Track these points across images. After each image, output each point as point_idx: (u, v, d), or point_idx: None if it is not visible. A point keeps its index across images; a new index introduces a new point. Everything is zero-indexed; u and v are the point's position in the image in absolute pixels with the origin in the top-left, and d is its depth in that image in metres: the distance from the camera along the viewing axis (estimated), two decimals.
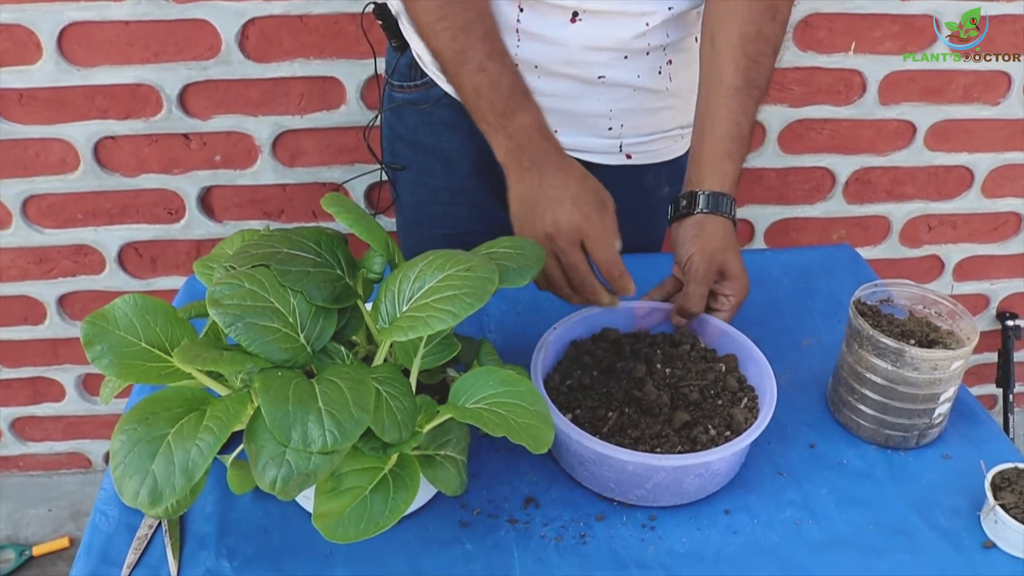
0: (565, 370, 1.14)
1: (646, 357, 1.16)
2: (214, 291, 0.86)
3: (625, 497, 1.03)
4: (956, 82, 2.09)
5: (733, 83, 1.21)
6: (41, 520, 2.40)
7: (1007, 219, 2.34)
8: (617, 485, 1.02)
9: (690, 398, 1.10)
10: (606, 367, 1.14)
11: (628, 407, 1.08)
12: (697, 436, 1.05)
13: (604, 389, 1.11)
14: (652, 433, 1.05)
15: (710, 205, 1.20)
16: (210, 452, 0.80)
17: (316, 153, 2.01)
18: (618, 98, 1.35)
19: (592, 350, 1.16)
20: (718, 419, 1.07)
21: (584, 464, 1.03)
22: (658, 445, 1.03)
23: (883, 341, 1.07)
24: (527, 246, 1.04)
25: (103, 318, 0.91)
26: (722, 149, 1.21)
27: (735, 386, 1.12)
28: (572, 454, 1.04)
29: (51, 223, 2.03)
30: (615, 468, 1.00)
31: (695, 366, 1.15)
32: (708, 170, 1.21)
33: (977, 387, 2.61)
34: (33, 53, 1.81)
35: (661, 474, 0.99)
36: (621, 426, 1.06)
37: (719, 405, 1.10)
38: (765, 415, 1.04)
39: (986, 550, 1.00)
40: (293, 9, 1.82)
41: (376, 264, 0.99)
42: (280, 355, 0.86)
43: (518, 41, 1.29)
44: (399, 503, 0.87)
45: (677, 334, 1.19)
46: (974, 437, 1.15)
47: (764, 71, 1.23)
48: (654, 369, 1.14)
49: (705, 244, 1.18)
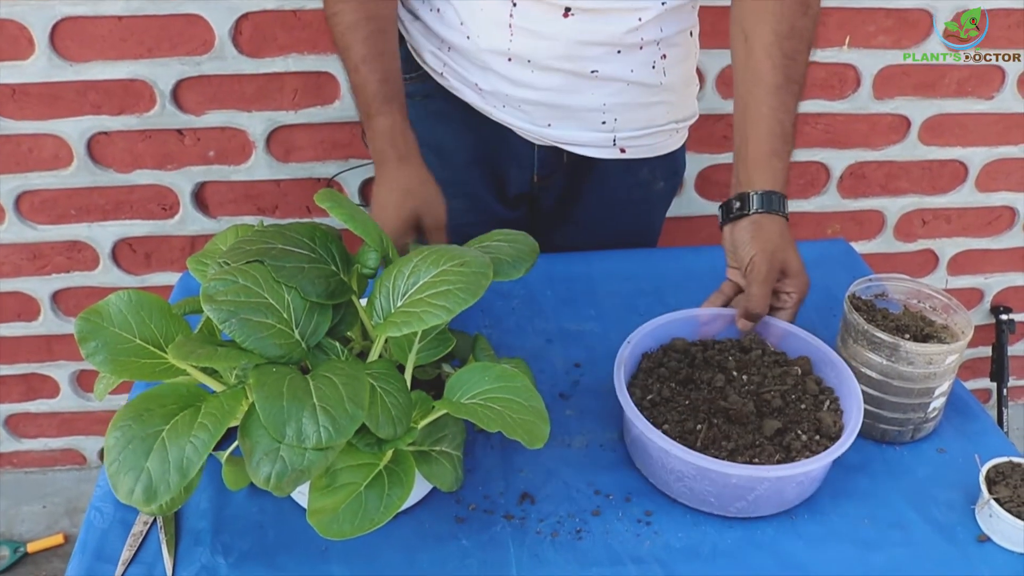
0: (643, 384, 1.12)
1: (719, 365, 1.15)
2: (208, 287, 0.86)
3: (724, 510, 1.02)
4: (950, 76, 2.09)
5: (773, 81, 1.20)
6: (36, 517, 2.39)
7: (1001, 213, 2.34)
8: (717, 499, 1.01)
9: (773, 404, 1.08)
10: (683, 378, 1.13)
11: (715, 418, 1.07)
12: (790, 443, 1.04)
13: (687, 401, 1.09)
14: (745, 443, 1.04)
15: (764, 204, 1.19)
16: (205, 449, 0.80)
17: (310, 148, 2.00)
18: (611, 92, 1.35)
19: (664, 362, 1.15)
20: (807, 424, 1.06)
21: (683, 480, 1.01)
22: (755, 455, 1.02)
23: (878, 336, 1.07)
24: (520, 238, 1.04)
25: (97, 314, 0.90)
26: (768, 148, 1.21)
27: (815, 389, 1.11)
28: (669, 471, 1.02)
29: (44, 219, 2.02)
30: (717, 482, 0.99)
31: (770, 371, 1.13)
32: (757, 170, 1.21)
33: (971, 381, 2.61)
34: (25, 48, 1.80)
35: (764, 485, 0.99)
36: (713, 438, 1.04)
37: (803, 410, 1.08)
38: (855, 418, 1.04)
39: (980, 544, 1.00)
40: (286, 4, 1.82)
41: (370, 259, 0.98)
42: (274, 351, 0.86)
43: (511, 36, 1.29)
44: (394, 499, 0.87)
45: (745, 340, 1.18)
46: (969, 431, 1.15)
47: (800, 67, 1.23)
48: (731, 377, 1.13)
49: (765, 244, 1.17)
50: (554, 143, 1.41)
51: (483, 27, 1.31)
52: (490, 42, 1.31)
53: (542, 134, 1.40)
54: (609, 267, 1.43)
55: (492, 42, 1.31)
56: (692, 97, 1.48)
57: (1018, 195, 2.30)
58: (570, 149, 1.42)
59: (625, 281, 1.40)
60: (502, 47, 1.30)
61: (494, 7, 1.28)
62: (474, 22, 1.31)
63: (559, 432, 1.12)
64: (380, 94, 1.25)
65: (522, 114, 1.38)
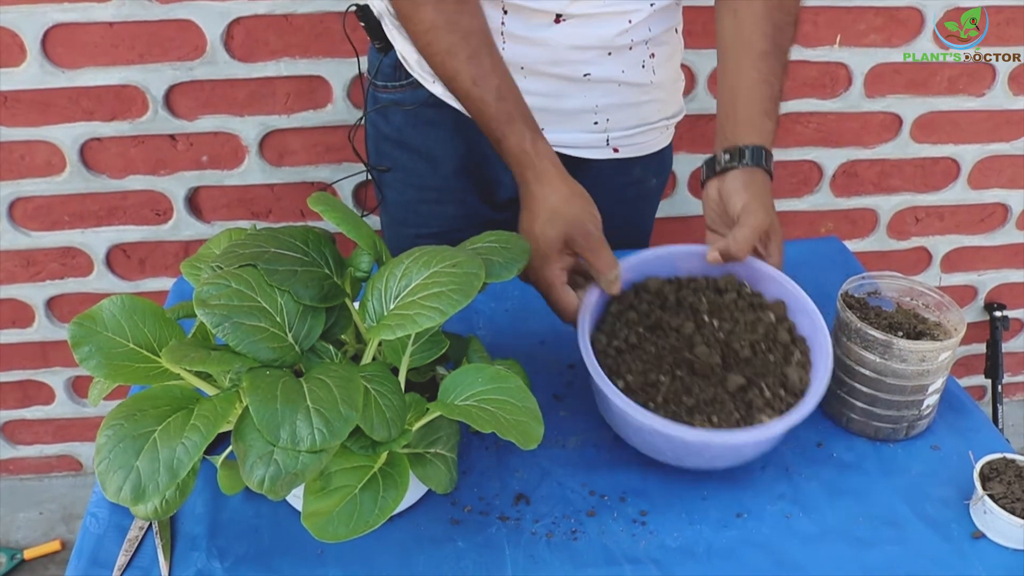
0: (610, 329, 1.10)
1: (691, 308, 1.12)
2: (201, 291, 0.86)
3: (681, 463, 1.03)
4: (941, 74, 2.10)
5: (762, 47, 1.21)
6: (32, 523, 2.39)
7: (994, 210, 2.34)
8: (674, 454, 1.02)
9: (741, 355, 1.07)
10: (653, 323, 1.11)
11: (679, 370, 1.06)
12: (752, 399, 1.03)
13: (653, 349, 1.08)
14: (707, 398, 1.03)
15: (754, 159, 1.17)
16: (196, 451, 0.80)
17: (303, 152, 2.00)
18: (603, 94, 1.35)
19: (635, 303, 1.13)
20: (772, 379, 1.05)
21: (640, 434, 1.02)
22: (714, 412, 1.02)
23: (871, 333, 1.07)
24: (512, 240, 1.04)
25: (91, 319, 0.90)
26: (760, 108, 1.21)
27: (786, 339, 1.09)
28: (628, 424, 1.03)
29: (38, 226, 2.02)
30: (674, 442, 1.00)
31: (743, 316, 1.11)
32: (747, 127, 1.20)
33: (966, 378, 2.62)
34: (17, 55, 1.80)
35: (720, 447, 1.00)
36: (675, 392, 1.03)
37: (771, 361, 1.07)
38: (823, 375, 1.03)
39: (975, 540, 1.00)
40: (278, 8, 1.82)
41: (363, 263, 0.98)
42: (268, 354, 0.86)
43: (503, 43, 1.29)
44: (389, 501, 0.87)
45: (722, 280, 1.15)
46: (963, 428, 1.16)
47: (788, 38, 1.24)
48: (702, 322, 1.11)
49: (760, 195, 1.15)
50: None
51: None
52: None
53: None
54: None
55: None
56: (679, 93, 1.49)
57: (1010, 192, 2.31)
58: (563, 151, 1.42)
59: None
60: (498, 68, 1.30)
61: (486, 15, 1.28)
62: None
63: (554, 433, 1.13)
64: (500, 115, 1.17)
65: None
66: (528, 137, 1.17)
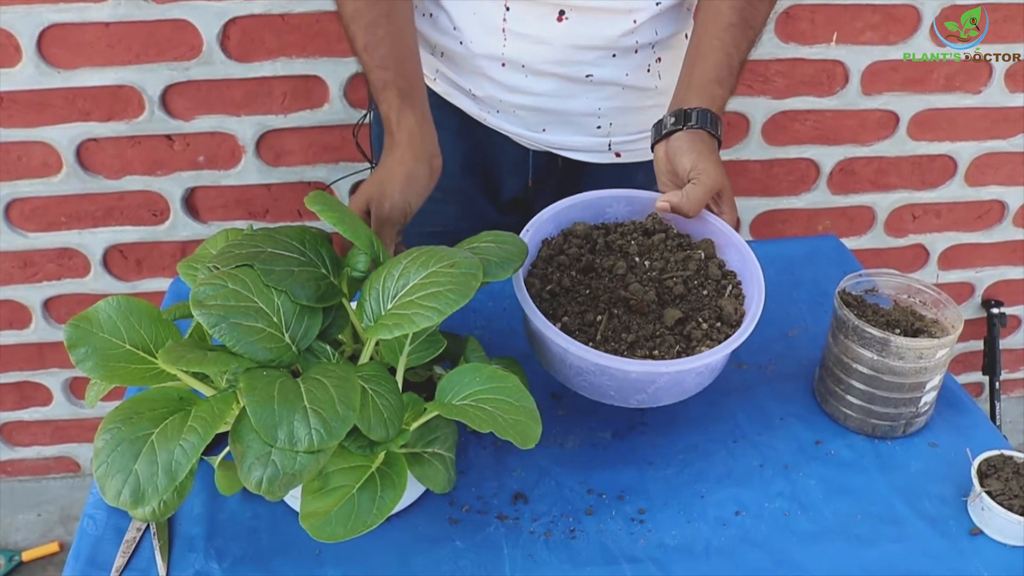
0: (542, 273, 1.11)
1: (621, 250, 1.13)
2: (198, 292, 0.86)
3: (625, 402, 1.03)
4: (938, 71, 2.10)
5: (728, 19, 1.21)
6: (30, 525, 2.39)
7: (991, 207, 2.34)
8: (617, 392, 1.02)
9: (675, 291, 1.08)
10: (584, 266, 1.11)
11: (616, 308, 1.06)
12: (691, 332, 1.04)
13: (587, 291, 1.08)
14: (646, 334, 1.03)
15: (700, 121, 1.16)
16: (194, 452, 0.80)
17: (300, 152, 2.00)
18: (606, 96, 1.35)
19: (564, 248, 1.13)
20: (707, 312, 1.06)
21: (582, 375, 1.01)
22: (655, 347, 1.02)
23: (868, 331, 1.07)
24: (509, 239, 1.04)
25: (87, 320, 0.90)
26: (713, 75, 1.20)
27: (717, 274, 1.11)
28: (568, 366, 1.02)
29: (35, 226, 2.02)
30: (616, 377, 0.99)
31: (673, 255, 1.12)
32: (696, 92, 1.19)
33: (964, 375, 2.62)
34: (12, 56, 1.80)
35: (664, 378, 0.99)
36: (614, 329, 1.04)
37: (705, 296, 1.08)
38: (756, 303, 1.04)
39: (973, 537, 1.00)
40: (274, 8, 1.82)
41: (360, 262, 0.98)
42: (265, 355, 0.86)
43: (505, 41, 1.29)
44: (387, 501, 0.87)
45: (648, 220, 1.16)
46: (960, 425, 1.16)
47: (760, 14, 1.24)
48: (633, 263, 1.11)
49: (709, 155, 1.14)
50: (549, 148, 1.41)
51: (477, 32, 1.30)
52: (484, 47, 1.31)
53: (536, 139, 1.40)
54: None
55: (486, 47, 1.30)
56: None
57: (1008, 189, 2.31)
58: (565, 154, 1.42)
59: None
60: (496, 52, 1.30)
61: (487, 11, 1.28)
62: (467, 27, 1.31)
63: (552, 432, 1.13)
64: (377, 81, 1.20)
65: (516, 119, 1.38)
66: (395, 106, 1.19)
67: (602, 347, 1.01)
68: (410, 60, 1.23)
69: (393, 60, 1.20)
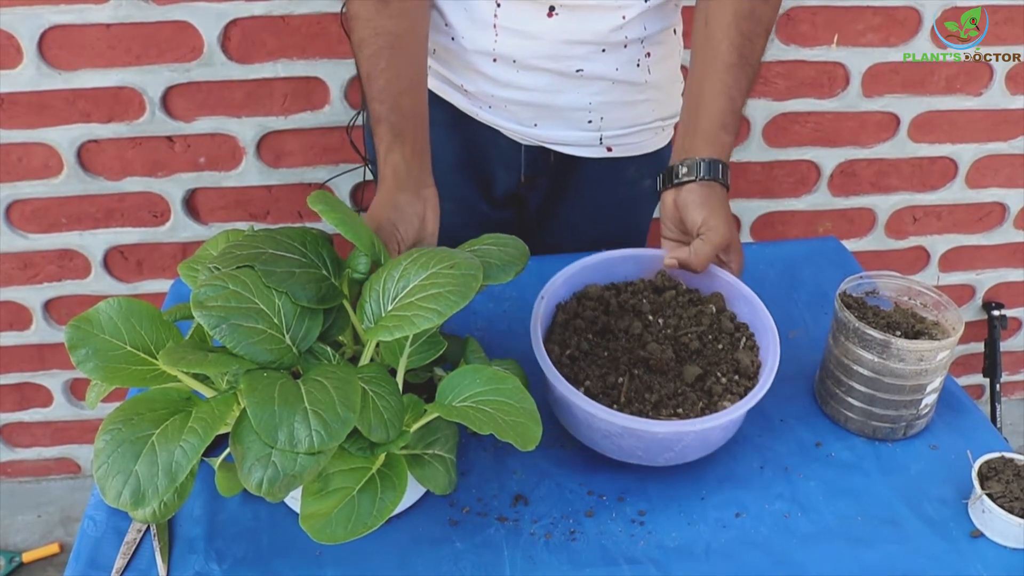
0: (560, 339, 1.12)
1: (635, 309, 1.15)
2: (198, 293, 0.86)
3: (653, 461, 1.03)
4: (938, 73, 2.10)
5: (728, 59, 1.22)
6: (31, 526, 2.39)
7: (991, 209, 2.34)
8: (645, 452, 1.02)
9: (691, 347, 1.10)
10: (601, 328, 1.12)
11: (636, 368, 1.07)
12: (711, 387, 1.05)
13: (606, 353, 1.10)
14: (668, 393, 1.04)
15: (711, 172, 1.19)
16: (194, 453, 0.80)
17: (301, 153, 2.00)
18: (597, 91, 1.35)
19: (580, 312, 1.15)
20: (725, 366, 1.08)
21: (609, 438, 1.02)
22: (679, 405, 1.03)
23: (869, 333, 1.07)
24: (511, 242, 1.04)
25: (87, 322, 0.90)
26: (718, 121, 1.22)
27: (730, 327, 1.13)
28: (595, 430, 1.03)
29: (35, 228, 2.02)
30: (644, 439, 1.00)
31: (685, 311, 1.14)
32: (704, 140, 1.22)
33: (964, 377, 2.62)
34: (14, 57, 1.80)
35: (691, 436, 1.00)
36: (636, 390, 1.05)
37: (720, 350, 1.10)
38: (772, 355, 1.05)
39: (973, 539, 1.00)
40: (275, 9, 1.82)
41: (361, 264, 0.98)
42: (265, 356, 0.86)
43: (496, 36, 1.29)
44: (387, 503, 0.87)
45: (658, 278, 1.19)
46: (961, 427, 1.16)
47: (757, 50, 1.24)
48: (648, 322, 1.13)
49: (718, 209, 1.18)
50: (541, 143, 1.42)
51: (468, 28, 1.31)
52: (475, 43, 1.31)
53: (529, 134, 1.40)
54: None
55: (477, 43, 1.31)
56: (677, 95, 1.49)
57: (1008, 191, 2.31)
58: (557, 149, 1.43)
59: None
60: (487, 48, 1.31)
61: (479, 7, 1.28)
62: (459, 23, 1.31)
63: (552, 434, 1.12)
64: (373, 114, 1.21)
65: (508, 115, 1.39)
66: (385, 142, 1.20)
67: (627, 409, 1.02)
68: (408, 94, 1.22)
69: (389, 94, 1.20)
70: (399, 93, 1.21)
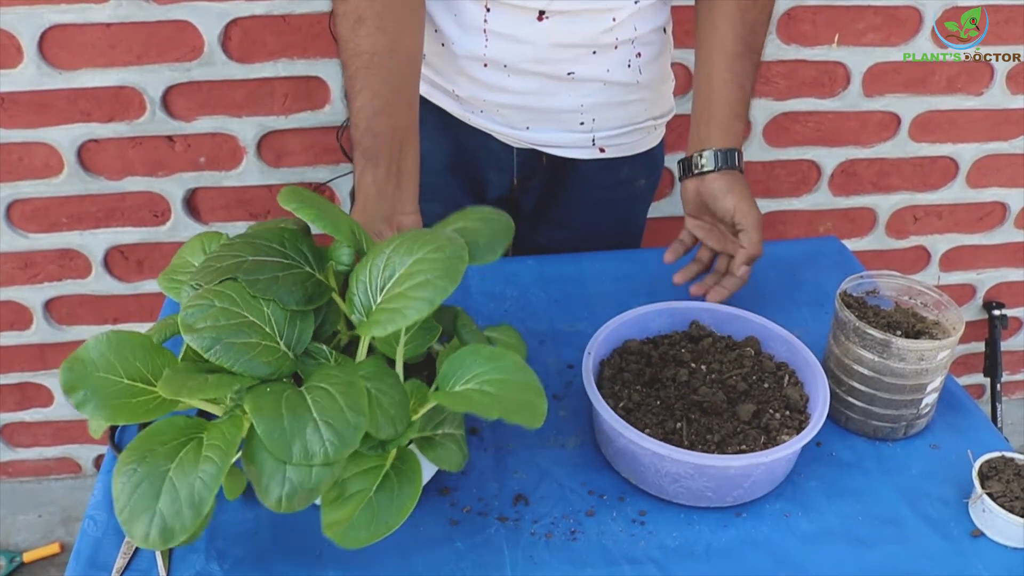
0: (611, 392, 1.11)
1: (676, 359, 1.16)
2: (186, 316, 0.84)
3: (722, 501, 1.02)
4: (939, 73, 2.10)
5: (735, 49, 1.26)
6: (31, 526, 2.39)
7: (992, 209, 2.34)
8: (715, 492, 1.01)
9: (739, 389, 1.11)
10: (648, 379, 1.13)
11: (692, 413, 1.08)
12: (768, 423, 1.06)
13: (658, 402, 1.10)
14: (728, 432, 1.05)
15: (729, 160, 1.26)
16: (215, 483, 0.78)
17: (301, 153, 2.00)
18: (588, 93, 1.36)
19: (624, 366, 1.15)
20: (776, 402, 1.09)
21: (679, 481, 1.01)
22: (741, 442, 1.03)
23: (869, 333, 1.07)
24: (495, 216, 1.03)
25: (79, 362, 0.86)
26: (732, 111, 1.27)
27: (772, 366, 1.14)
28: (664, 475, 1.02)
29: (36, 227, 2.02)
30: (715, 477, 0.99)
31: (725, 356, 1.16)
32: (719, 130, 1.27)
33: (965, 377, 2.62)
34: (14, 57, 1.80)
35: (760, 470, 1.00)
36: (696, 432, 1.05)
37: (767, 389, 1.11)
38: (821, 388, 1.07)
39: (974, 539, 1.00)
40: (276, 9, 1.82)
41: (344, 255, 0.96)
42: (264, 369, 0.84)
43: (486, 41, 1.30)
44: (405, 500, 0.85)
45: (692, 329, 1.20)
46: (962, 427, 1.16)
47: (760, 38, 1.29)
48: (692, 368, 1.14)
49: (747, 194, 1.27)
50: (533, 146, 1.42)
51: (458, 34, 1.31)
52: (465, 48, 1.31)
53: (520, 137, 1.40)
54: (601, 268, 1.43)
55: (467, 48, 1.31)
56: (668, 93, 1.49)
57: (1009, 190, 2.31)
58: (549, 151, 1.43)
59: (617, 282, 1.40)
60: (478, 52, 1.31)
61: (468, 13, 1.29)
62: (449, 29, 1.32)
63: (553, 433, 1.12)
64: (353, 138, 1.19)
65: (500, 118, 1.39)
66: (359, 165, 1.18)
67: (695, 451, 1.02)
68: (385, 114, 1.18)
69: (363, 116, 1.17)
70: (373, 114, 1.17)
